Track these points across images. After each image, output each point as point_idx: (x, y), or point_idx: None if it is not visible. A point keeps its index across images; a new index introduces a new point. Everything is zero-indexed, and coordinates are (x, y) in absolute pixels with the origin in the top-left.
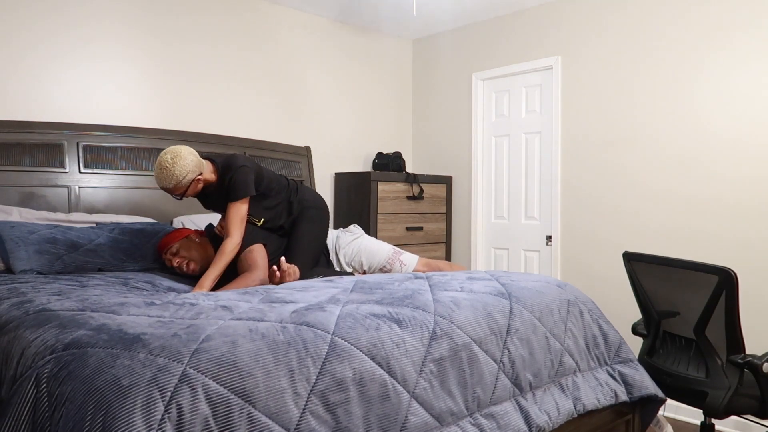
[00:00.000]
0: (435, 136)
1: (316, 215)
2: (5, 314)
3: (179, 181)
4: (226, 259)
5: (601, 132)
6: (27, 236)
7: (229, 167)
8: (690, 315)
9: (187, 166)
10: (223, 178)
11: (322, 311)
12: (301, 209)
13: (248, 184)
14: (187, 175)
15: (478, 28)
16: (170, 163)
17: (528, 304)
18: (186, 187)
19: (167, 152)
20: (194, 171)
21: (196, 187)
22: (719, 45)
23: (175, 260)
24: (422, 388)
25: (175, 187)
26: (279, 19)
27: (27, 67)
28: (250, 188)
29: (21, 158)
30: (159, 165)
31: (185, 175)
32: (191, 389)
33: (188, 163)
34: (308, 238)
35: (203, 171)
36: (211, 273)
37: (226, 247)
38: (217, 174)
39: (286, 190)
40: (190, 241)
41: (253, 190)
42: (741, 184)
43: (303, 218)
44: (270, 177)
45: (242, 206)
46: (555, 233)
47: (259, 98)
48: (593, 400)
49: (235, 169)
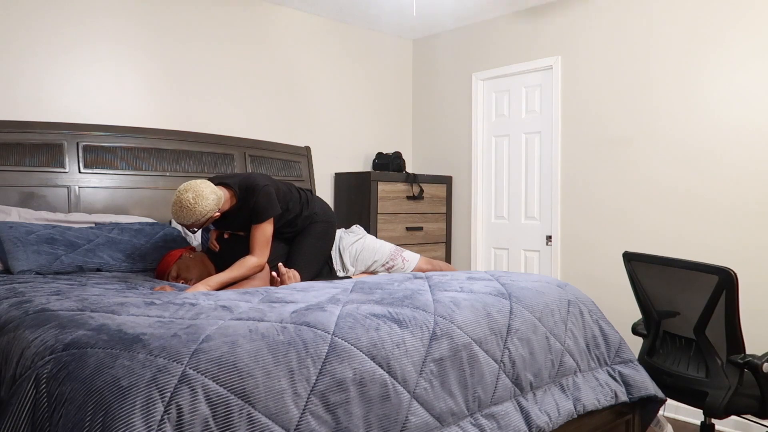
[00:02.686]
0: (435, 136)
1: (323, 230)
2: (4, 314)
3: (198, 219)
4: (242, 272)
5: (601, 132)
6: (25, 237)
7: (252, 189)
8: (690, 315)
9: (208, 206)
10: (244, 200)
11: (322, 311)
12: (310, 222)
13: (273, 204)
14: (207, 214)
15: (478, 28)
16: (191, 203)
17: (528, 304)
18: (203, 224)
19: (188, 190)
20: (214, 209)
21: (212, 219)
22: (721, 44)
23: (179, 282)
24: (422, 388)
25: (193, 224)
26: (279, 19)
27: (27, 67)
28: (276, 208)
29: (21, 158)
30: (179, 203)
31: (205, 215)
32: (191, 390)
33: (210, 203)
34: (312, 252)
35: (221, 205)
36: (222, 276)
37: (248, 262)
38: (236, 198)
39: (299, 203)
40: (185, 261)
41: (278, 208)
42: (741, 184)
43: (310, 232)
44: (285, 191)
45: (268, 227)
46: (555, 233)
47: (259, 98)
48: (593, 400)
49: (258, 190)
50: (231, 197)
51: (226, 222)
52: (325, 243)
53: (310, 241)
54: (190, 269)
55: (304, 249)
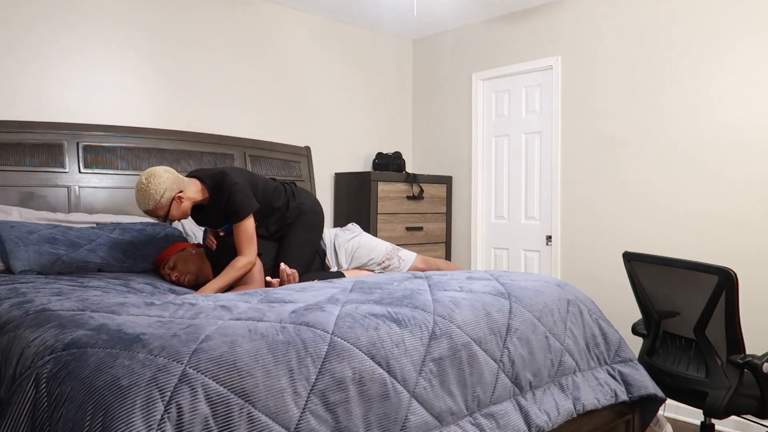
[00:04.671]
0: (435, 136)
1: (312, 221)
2: (5, 314)
3: (157, 200)
4: (234, 275)
5: (601, 132)
6: (27, 236)
7: (221, 187)
8: (690, 315)
9: (162, 183)
10: (214, 195)
11: (322, 311)
12: (298, 214)
13: (249, 200)
14: (165, 193)
15: (478, 28)
16: (145, 183)
17: (528, 304)
18: (167, 207)
19: (142, 174)
20: (171, 188)
21: (180, 206)
22: (723, 44)
23: (173, 274)
24: (422, 388)
25: (156, 208)
26: (279, 18)
27: (27, 67)
28: (252, 203)
29: (21, 158)
30: (136, 188)
31: (162, 194)
32: (191, 389)
33: (163, 181)
34: (302, 244)
35: (184, 189)
36: (216, 283)
37: (238, 263)
38: (208, 192)
39: (284, 195)
40: (186, 255)
41: (255, 203)
42: (741, 184)
43: (299, 224)
44: (265, 185)
45: (248, 223)
46: (555, 233)
47: (258, 98)
48: (593, 399)
49: (229, 188)
50: (203, 189)
51: (203, 216)
52: (314, 234)
53: (299, 233)
54: (187, 263)
55: (293, 241)
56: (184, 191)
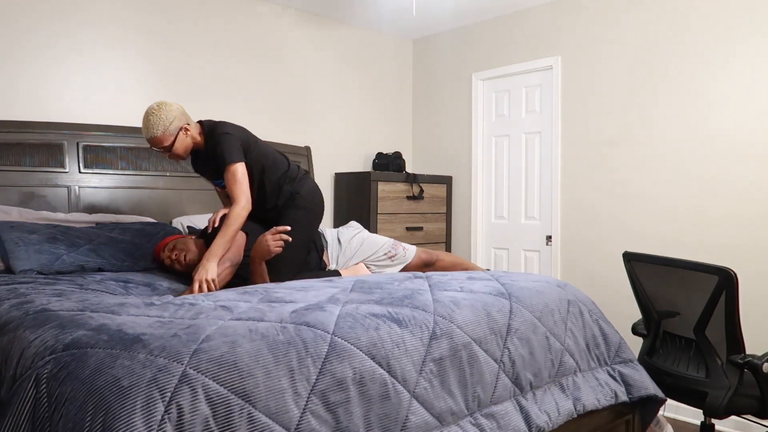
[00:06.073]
0: (435, 136)
1: (303, 218)
2: (5, 315)
3: (167, 126)
4: (231, 226)
5: (601, 132)
6: (27, 236)
7: (213, 133)
8: (690, 315)
9: (173, 111)
10: (209, 143)
11: (322, 311)
12: (289, 202)
13: (235, 150)
14: (174, 122)
15: (478, 28)
16: (156, 108)
17: (528, 304)
18: (174, 137)
19: (153, 103)
20: (180, 119)
21: (185, 140)
22: (723, 45)
23: (173, 254)
24: (422, 388)
25: (163, 135)
26: (278, 18)
27: (28, 67)
28: (238, 155)
29: (21, 158)
30: (145, 114)
31: (171, 121)
32: (191, 389)
33: (174, 109)
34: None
35: (191, 123)
36: (216, 242)
37: (233, 211)
38: (203, 137)
39: (283, 174)
40: (186, 239)
41: (241, 155)
42: (741, 184)
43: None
44: (264, 152)
45: (237, 167)
46: (555, 233)
47: (258, 98)
48: (593, 400)
49: (218, 136)
50: (200, 132)
51: (200, 163)
52: (305, 234)
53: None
54: (188, 245)
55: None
56: (190, 124)
